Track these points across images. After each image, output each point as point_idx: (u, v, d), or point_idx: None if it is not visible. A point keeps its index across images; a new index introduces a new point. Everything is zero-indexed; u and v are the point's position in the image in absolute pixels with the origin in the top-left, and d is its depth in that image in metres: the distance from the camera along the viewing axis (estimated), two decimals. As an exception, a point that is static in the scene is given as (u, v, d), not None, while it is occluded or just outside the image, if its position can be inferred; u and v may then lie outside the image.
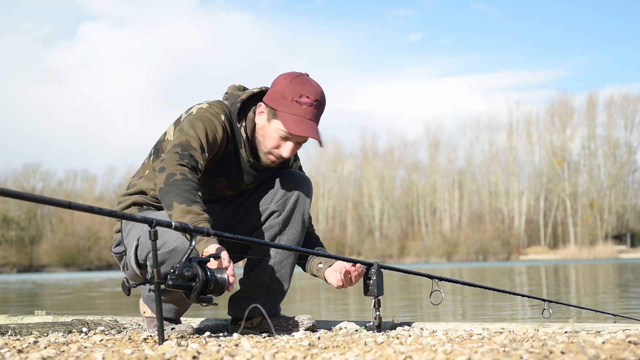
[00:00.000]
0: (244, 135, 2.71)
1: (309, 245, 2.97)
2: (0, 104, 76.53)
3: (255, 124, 2.74)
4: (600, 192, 60.02)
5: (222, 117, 2.67)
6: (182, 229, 2.19)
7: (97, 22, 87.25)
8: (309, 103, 2.62)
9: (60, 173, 70.93)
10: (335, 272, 2.80)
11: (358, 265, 2.77)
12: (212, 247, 2.33)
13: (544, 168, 60.88)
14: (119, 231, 2.78)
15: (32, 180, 56.50)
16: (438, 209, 61.49)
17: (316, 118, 2.65)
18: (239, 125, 2.71)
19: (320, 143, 2.67)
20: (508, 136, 62.11)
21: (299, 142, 2.70)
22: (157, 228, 2.14)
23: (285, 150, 2.70)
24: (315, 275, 2.91)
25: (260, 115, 2.71)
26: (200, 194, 2.43)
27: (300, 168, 3.06)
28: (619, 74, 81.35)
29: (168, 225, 2.15)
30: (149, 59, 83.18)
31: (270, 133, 2.68)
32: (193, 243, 2.25)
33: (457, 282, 3.07)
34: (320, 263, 2.88)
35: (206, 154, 2.60)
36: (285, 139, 2.68)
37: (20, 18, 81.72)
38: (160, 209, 2.75)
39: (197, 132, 2.59)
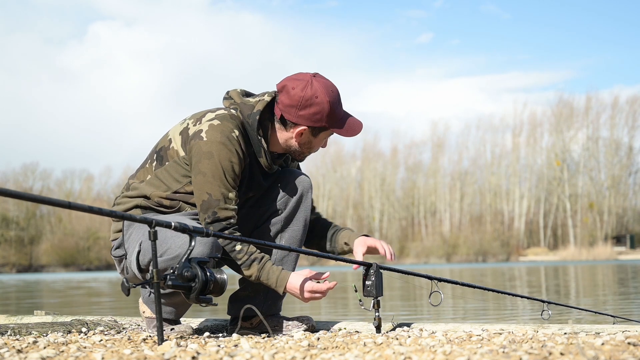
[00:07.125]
0: (265, 145, 2.72)
1: (324, 229, 2.99)
2: (10, 104, 76.53)
3: (272, 132, 2.75)
4: (600, 194, 59.98)
5: (237, 133, 2.64)
6: (182, 229, 2.20)
7: (109, 22, 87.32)
8: (340, 101, 2.74)
9: (58, 173, 70.81)
10: (363, 246, 2.86)
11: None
12: (295, 279, 2.64)
13: (544, 169, 60.84)
14: (119, 231, 2.77)
15: (31, 180, 56.49)
16: (438, 209, 61.42)
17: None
18: (259, 137, 2.70)
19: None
20: (512, 137, 62.10)
21: None
22: (160, 233, 2.14)
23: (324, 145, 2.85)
24: (345, 252, 2.95)
25: (301, 135, 2.73)
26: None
27: (298, 166, 3.06)
28: (626, 75, 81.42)
29: (167, 225, 2.16)
30: (160, 59, 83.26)
31: (317, 143, 2.79)
32: (193, 243, 2.25)
33: (456, 283, 3.07)
34: (347, 243, 2.91)
35: (235, 188, 2.64)
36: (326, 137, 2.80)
37: (32, 18, 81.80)
38: (163, 213, 2.74)
39: (217, 179, 2.59)
